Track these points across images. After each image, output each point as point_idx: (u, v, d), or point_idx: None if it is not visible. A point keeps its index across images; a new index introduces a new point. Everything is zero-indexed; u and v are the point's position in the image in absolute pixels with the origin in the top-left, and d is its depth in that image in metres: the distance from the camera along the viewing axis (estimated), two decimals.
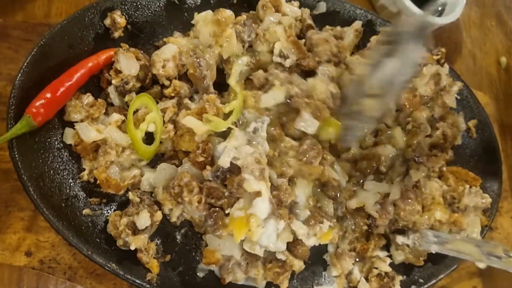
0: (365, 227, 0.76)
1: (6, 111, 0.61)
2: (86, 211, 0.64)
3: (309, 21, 0.82)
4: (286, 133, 0.70)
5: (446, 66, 0.88)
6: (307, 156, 0.68)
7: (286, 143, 0.69)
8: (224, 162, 0.63)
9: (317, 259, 0.76)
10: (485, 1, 1.14)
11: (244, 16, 0.74)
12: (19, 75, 0.62)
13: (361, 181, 0.77)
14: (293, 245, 0.69)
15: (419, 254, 0.78)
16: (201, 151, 0.65)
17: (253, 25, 0.74)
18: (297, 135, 0.71)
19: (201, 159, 0.65)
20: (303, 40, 0.79)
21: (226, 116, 0.68)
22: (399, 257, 0.78)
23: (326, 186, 0.73)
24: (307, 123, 0.68)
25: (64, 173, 0.64)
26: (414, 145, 0.82)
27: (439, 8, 0.99)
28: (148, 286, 0.62)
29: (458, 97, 0.92)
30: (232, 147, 0.64)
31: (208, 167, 0.65)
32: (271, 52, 0.75)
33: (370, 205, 0.74)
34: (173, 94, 0.68)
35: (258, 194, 0.61)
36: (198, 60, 0.70)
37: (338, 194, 0.73)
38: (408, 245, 0.78)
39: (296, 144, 0.70)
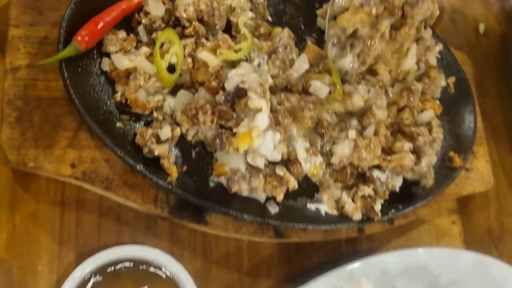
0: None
1: (56, 42, 0.75)
2: (119, 124, 0.77)
3: None
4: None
5: (429, 29, 1.01)
6: (306, 104, 0.82)
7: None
8: (232, 84, 0.76)
9: (311, 184, 0.89)
10: None
11: None
12: (67, 11, 0.76)
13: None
14: (291, 165, 0.82)
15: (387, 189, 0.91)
16: (214, 77, 0.78)
17: None
18: None
19: (214, 84, 0.78)
20: None
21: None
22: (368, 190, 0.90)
23: (317, 125, 0.86)
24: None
25: (101, 94, 0.78)
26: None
27: None
28: (169, 186, 0.75)
29: (439, 56, 1.05)
30: (240, 73, 0.77)
31: (220, 92, 0.79)
32: None
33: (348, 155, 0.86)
34: (192, 33, 0.82)
35: (259, 110, 0.74)
36: (212, 10, 0.84)
37: (326, 132, 0.86)
38: (380, 178, 0.90)
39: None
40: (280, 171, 0.80)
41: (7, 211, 0.78)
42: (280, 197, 0.81)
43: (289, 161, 0.82)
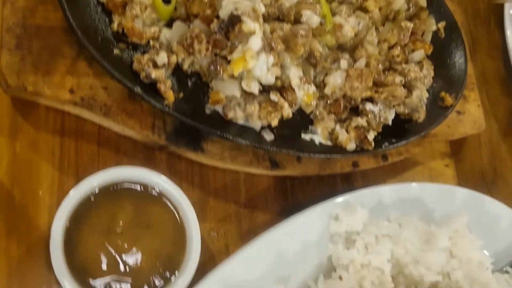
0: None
1: None
2: (116, 51, 0.79)
3: None
4: None
5: None
6: (298, 32, 0.84)
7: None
8: (226, 11, 0.78)
9: (305, 117, 0.91)
10: None
11: None
12: None
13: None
14: (284, 91, 0.84)
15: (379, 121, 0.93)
16: (208, 5, 0.80)
17: None
18: None
19: (208, 12, 0.81)
20: None
21: None
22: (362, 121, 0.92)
23: (309, 55, 0.88)
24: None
25: (99, 23, 0.80)
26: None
27: None
28: (166, 109, 0.77)
29: None
30: (234, 1, 0.79)
31: (214, 21, 0.81)
32: None
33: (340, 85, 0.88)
34: None
35: (252, 33, 0.76)
36: None
37: (318, 63, 0.88)
38: (373, 112, 0.92)
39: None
40: (274, 96, 0.82)
41: (7, 139, 0.79)
42: (274, 123, 0.82)
43: (283, 88, 0.84)
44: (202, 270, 0.78)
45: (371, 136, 0.89)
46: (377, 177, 1.01)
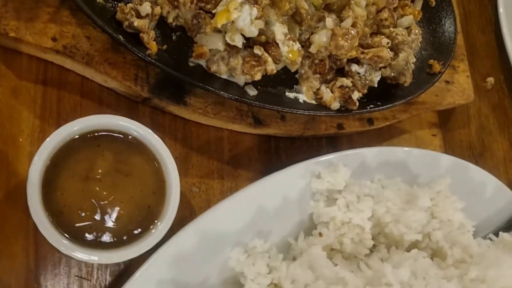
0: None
1: None
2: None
3: None
4: None
5: None
6: None
7: None
8: None
9: (290, 76, 0.91)
10: None
11: None
12: None
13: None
14: (269, 46, 0.84)
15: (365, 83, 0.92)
16: None
17: None
18: None
19: None
20: None
21: None
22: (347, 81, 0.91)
23: (295, 13, 0.87)
24: None
25: None
26: None
27: None
28: (148, 58, 0.77)
29: None
30: None
31: None
32: None
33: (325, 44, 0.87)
34: None
35: None
36: None
37: (303, 20, 0.87)
38: (359, 73, 0.92)
39: None
40: (258, 51, 0.82)
41: None
42: (257, 76, 0.82)
43: (267, 44, 0.83)
44: (182, 225, 0.78)
45: (355, 95, 0.89)
46: (363, 142, 1.01)
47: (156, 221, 0.76)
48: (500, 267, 0.78)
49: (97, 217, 0.74)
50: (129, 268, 0.79)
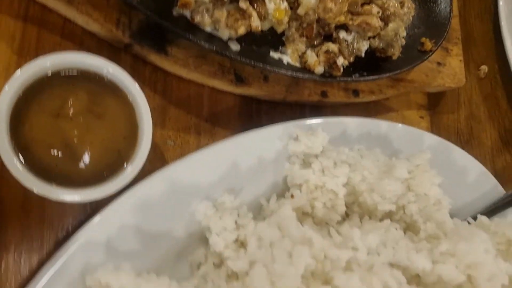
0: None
1: None
2: None
3: None
4: None
5: None
6: None
7: None
8: None
9: (276, 38, 0.89)
10: None
11: None
12: None
13: None
14: (255, 1, 0.82)
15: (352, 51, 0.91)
16: None
17: None
18: None
19: None
20: None
21: None
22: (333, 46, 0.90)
23: None
24: None
25: None
26: None
27: None
28: (131, 1, 0.76)
29: None
30: None
31: None
32: None
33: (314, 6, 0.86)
34: None
35: None
36: None
37: None
38: (346, 40, 0.91)
39: None
40: (243, 4, 0.80)
41: None
42: (241, 31, 0.81)
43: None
44: None
45: (340, 61, 0.87)
46: (348, 115, 0.99)
47: (125, 163, 0.75)
48: (472, 242, 0.76)
49: (65, 156, 0.72)
50: (95, 213, 0.77)
